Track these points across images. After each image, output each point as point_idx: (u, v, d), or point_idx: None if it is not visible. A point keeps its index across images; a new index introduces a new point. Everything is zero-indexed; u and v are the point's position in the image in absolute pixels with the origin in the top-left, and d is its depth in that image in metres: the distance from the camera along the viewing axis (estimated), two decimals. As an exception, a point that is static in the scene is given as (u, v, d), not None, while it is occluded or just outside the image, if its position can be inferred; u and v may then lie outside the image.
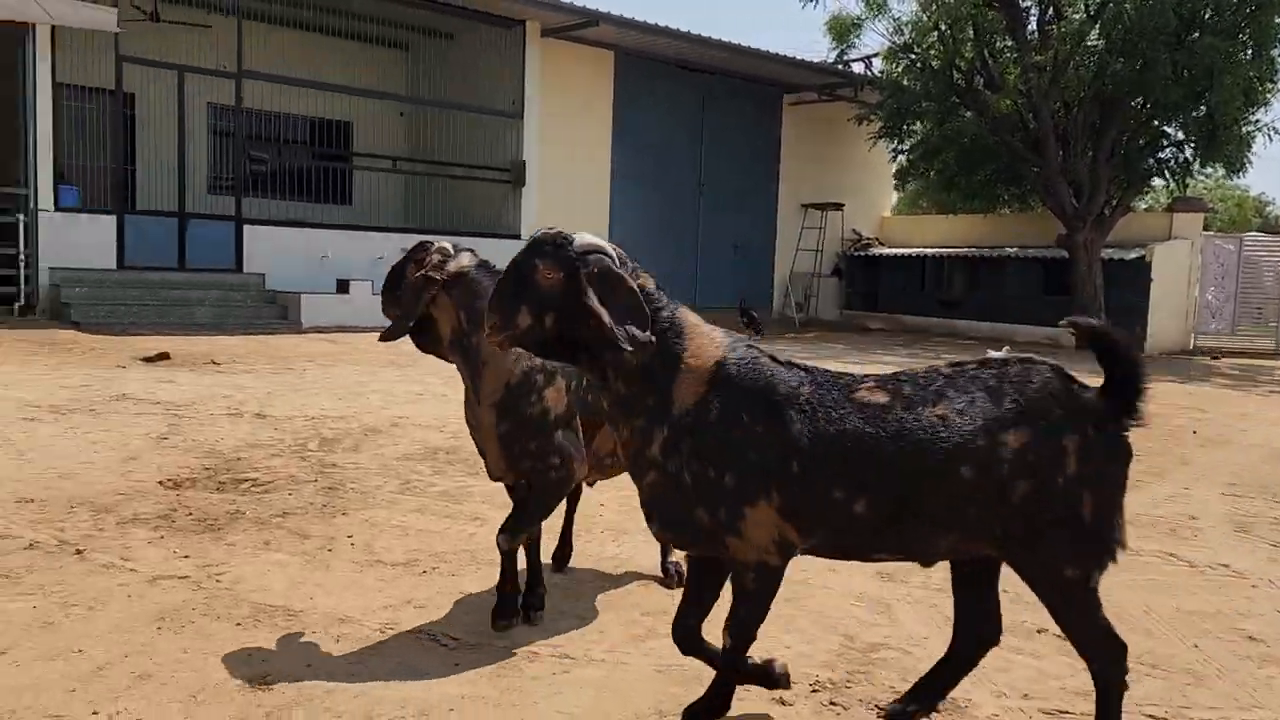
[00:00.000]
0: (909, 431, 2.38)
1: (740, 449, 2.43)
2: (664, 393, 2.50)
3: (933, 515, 2.41)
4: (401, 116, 17.22)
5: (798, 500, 2.42)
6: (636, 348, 2.41)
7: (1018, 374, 2.44)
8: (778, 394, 2.46)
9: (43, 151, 11.31)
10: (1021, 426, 2.36)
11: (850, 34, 18.11)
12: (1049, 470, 2.35)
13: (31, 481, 4.88)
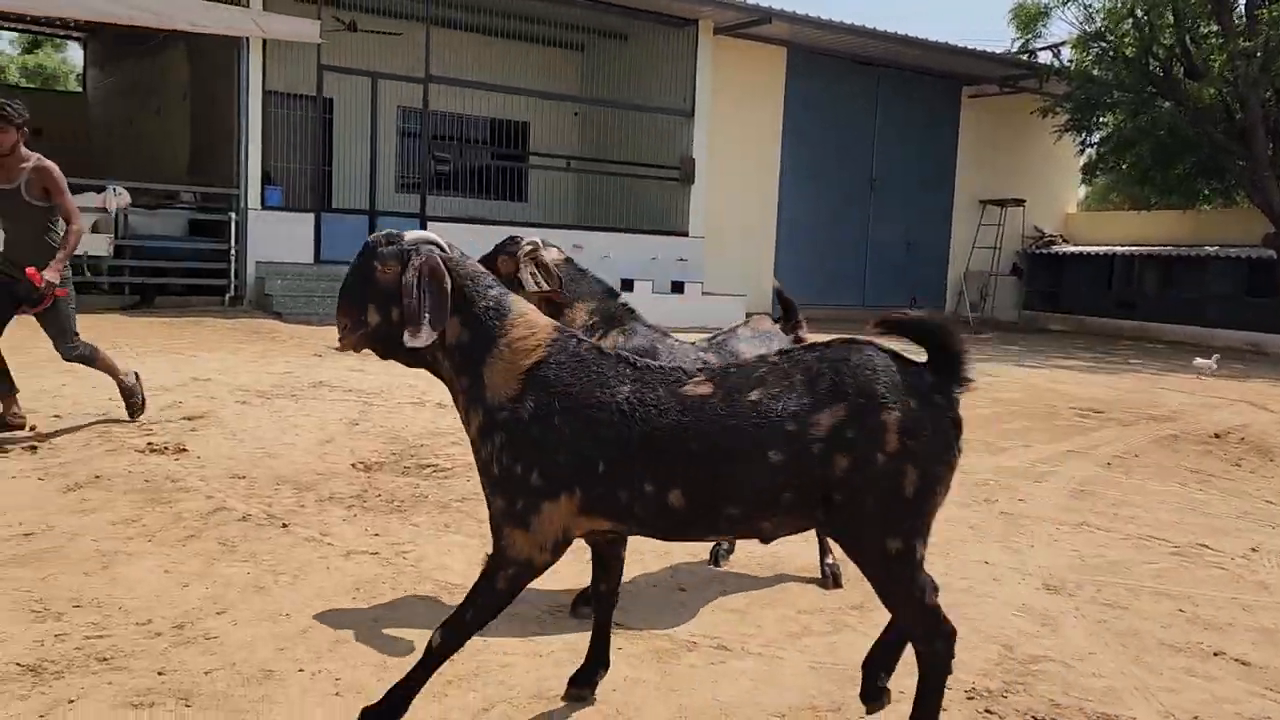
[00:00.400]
0: (721, 420, 2.41)
1: (550, 449, 2.47)
2: (477, 375, 2.56)
3: (749, 499, 2.43)
4: (576, 116, 17.70)
5: (601, 497, 2.48)
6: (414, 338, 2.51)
7: (836, 354, 2.44)
8: (594, 395, 2.49)
9: (253, 154, 12.27)
10: (837, 404, 2.37)
11: (1036, 22, 17.44)
12: (868, 445, 2.34)
13: (243, 460, 5.38)
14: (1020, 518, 5.04)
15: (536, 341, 2.56)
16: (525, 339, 2.57)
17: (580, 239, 14.61)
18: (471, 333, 2.58)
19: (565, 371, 2.52)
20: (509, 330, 2.57)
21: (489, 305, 2.60)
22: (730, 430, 2.39)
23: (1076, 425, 7.75)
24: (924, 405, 2.38)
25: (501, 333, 2.57)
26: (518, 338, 2.57)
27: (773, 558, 4.22)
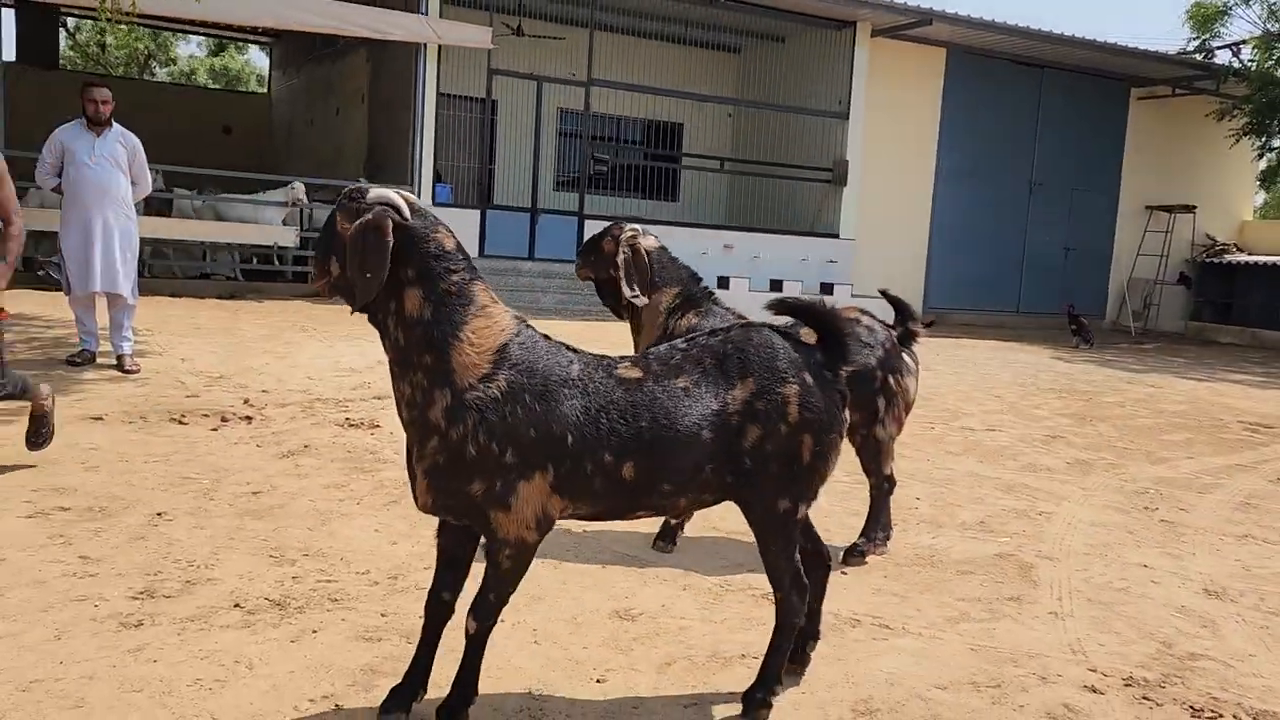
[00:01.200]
0: (661, 401, 2.60)
1: (523, 426, 2.51)
2: (442, 355, 2.52)
3: (681, 473, 2.62)
4: (730, 118, 17.95)
5: (570, 472, 2.55)
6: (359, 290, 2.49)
7: (739, 336, 2.70)
8: (554, 374, 2.57)
9: (426, 153, 13.03)
10: (747, 380, 2.63)
11: (1214, 22, 16.73)
12: (774, 416, 2.62)
13: (431, 436, 5.88)
14: (1181, 526, 5.04)
15: (501, 325, 2.59)
16: (488, 325, 2.57)
17: (731, 239, 14.90)
18: (434, 311, 2.53)
19: (527, 352, 2.58)
20: (472, 315, 2.56)
21: (451, 287, 2.55)
22: (672, 411, 2.59)
23: (1245, 440, 7.54)
24: (817, 380, 2.68)
25: (465, 316, 2.55)
26: (481, 322, 2.56)
27: (930, 550, 4.39)
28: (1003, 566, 4.16)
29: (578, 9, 15.02)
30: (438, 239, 2.57)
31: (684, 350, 2.71)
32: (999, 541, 4.53)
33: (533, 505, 2.57)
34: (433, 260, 2.54)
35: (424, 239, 2.54)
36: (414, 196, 2.70)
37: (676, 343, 2.77)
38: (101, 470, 4.86)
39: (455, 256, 2.59)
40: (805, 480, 2.69)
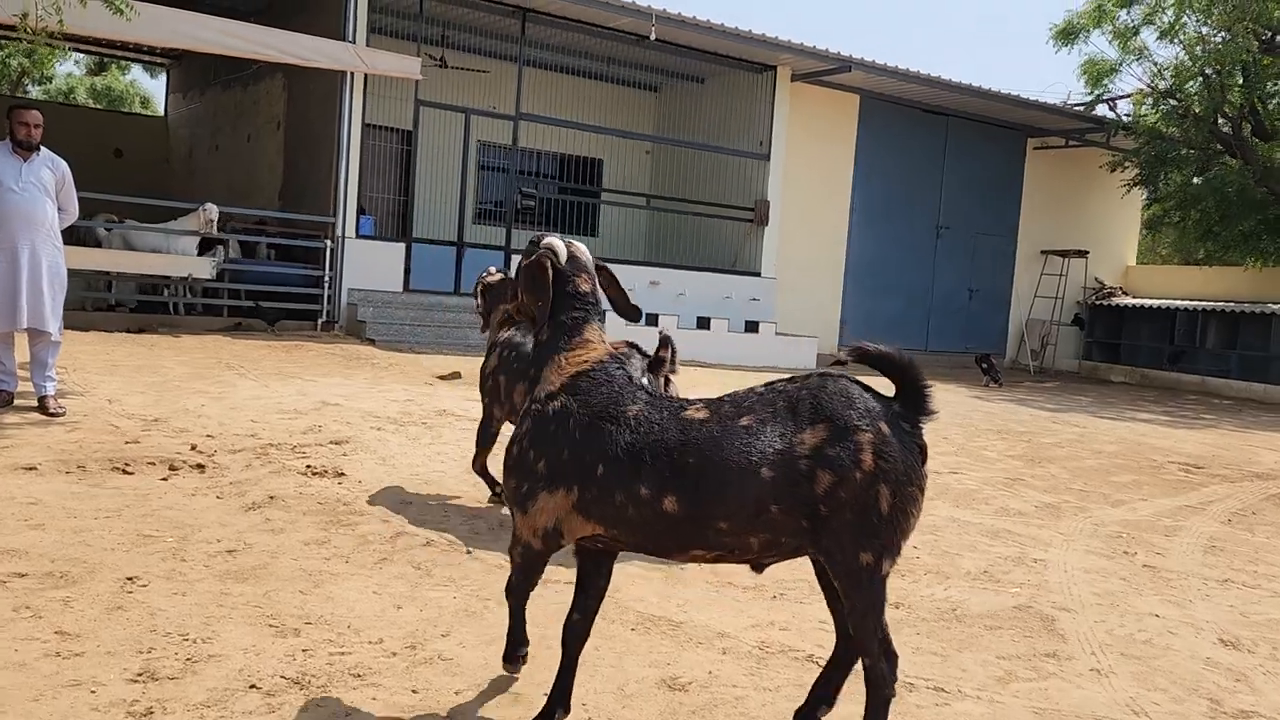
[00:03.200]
0: (716, 438, 2.67)
1: (560, 445, 2.81)
2: (540, 370, 2.99)
3: (739, 512, 2.65)
4: (647, 155, 18.01)
5: (597, 498, 2.76)
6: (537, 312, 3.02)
7: (814, 384, 2.71)
8: (606, 409, 2.82)
9: (351, 185, 12.62)
10: (818, 425, 2.61)
11: (1106, 78, 17.61)
12: (847, 464, 2.57)
13: (402, 485, 5.58)
14: (1164, 571, 5.14)
15: (587, 358, 2.94)
16: (581, 354, 2.95)
17: (656, 275, 14.88)
18: (551, 335, 3.01)
19: (595, 385, 2.87)
20: (574, 344, 2.97)
21: (570, 320, 3.01)
22: (726, 446, 2.65)
23: (1185, 480, 7.82)
24: (893, 431, 2.61)
25: (567, 344, 2.97)
26: (576, 351, 2.96)
27: (948, 603, 4.34)
28: (1026, 620, 4.14)
29: (500, 43, 14.87)
30: (575, 282, 3.07)
31: (760, 393, 2.78)
32: (1010, 592, 4.52)
33: (547, 516, 2.85)
34: (566, 297, 3.03)
35: (566, 280, 3.06)
36: (580, 246, 3.20)
37: (756, 386, 2.83)
38: (49, 528, 4.43)
39: (585, 298, 3.06)
40: (886, 533, 2.61)
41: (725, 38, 14.31)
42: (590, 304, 3.08)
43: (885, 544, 2.63)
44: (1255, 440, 10.85)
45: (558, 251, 3.10)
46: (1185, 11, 16.36)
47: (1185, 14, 16.40)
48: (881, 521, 2.60)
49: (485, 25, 14.35)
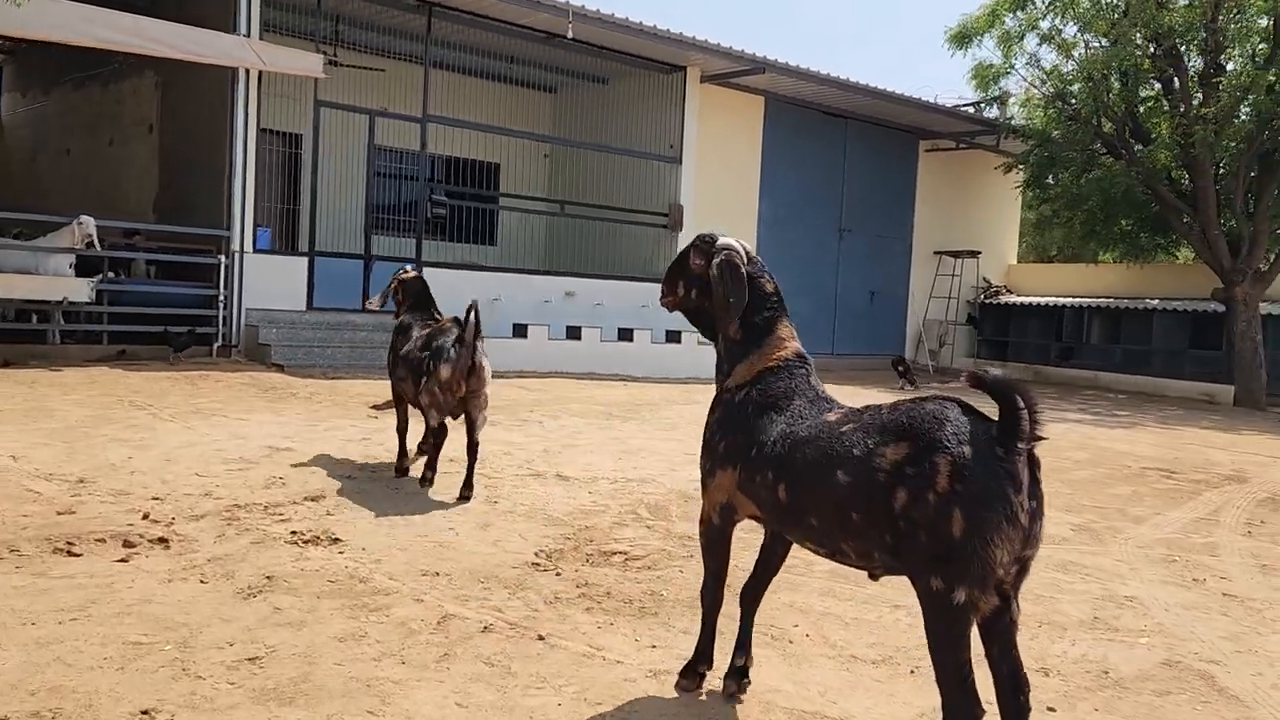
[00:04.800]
0: (821, 440, 2.84)
1: (733, 428, 3.13)
2: (733, 367, 3.22)
3: (824, 511, 2.80)
4: (546, 159, 17.27)
5: (747, 478, 3.05)
6: (731, 313, 3.19)
7: (918, 403, 2.70)
8: (778, 401, 3.07)
9: (247, 194, 11.42)
10: (901, 442, 2.61)
11: (994, 83, 17.97)
12: (922, 483, 2.53)
13: (416, 551, 4.78)
14: (1248, 600, 4.89)
15: (777, 356, 3.18)
16: (772, 352, 3.19)
17: (572, 285, 14.20)
18: (745, 336, 3.23)
19: (775, 380, 3.13)
20: (765, 343, 3.20)
21: (762, 321, 3.23)
22: (822, 449, 2.81)
23: (1176, 489, 7.74)
24: (979, 455, 2.51)
25: (760, 344, 3.20)
26: (769, 349, 3.19)
27: (1090, 662, 3.90)
28: (1187, 680, 3.75)
29: (393, 40, 13.87)
30: (761, 282, 3.27)
31: (878, 407, 2.81)
32: (1141, 644, 4.13)
33: (722, 493, 3.18)
34: (755, 299, 3.23)
35: (754, 281, 3.24)
36: (750, 246, 3.32)
37: (883, 402, 2.86)
38: (6, 644, 3.49)
39: (772, 298, 3.28)
40: (961, 560, 2.49)
41: (641, 36, 13.75)
42: (777, 303, 3.27)
43: (960, 571, 2.49)
44: (1190, 438, 11.07)
45: (739, 252, 3.24)
46: (1066, 19, 16.85)
47: (1066, 21, 16.90)
48: (954, 546, 2.48)
49: (383, 21, 13.34)
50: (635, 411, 9.79)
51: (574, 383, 11.81)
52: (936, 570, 2.51)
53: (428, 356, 5.94)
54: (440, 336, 6.02)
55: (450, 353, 5.85)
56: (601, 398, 10.75)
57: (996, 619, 2.66)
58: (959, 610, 2.51)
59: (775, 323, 3.21)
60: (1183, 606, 4.68)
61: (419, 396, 5.99)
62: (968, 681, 2.54)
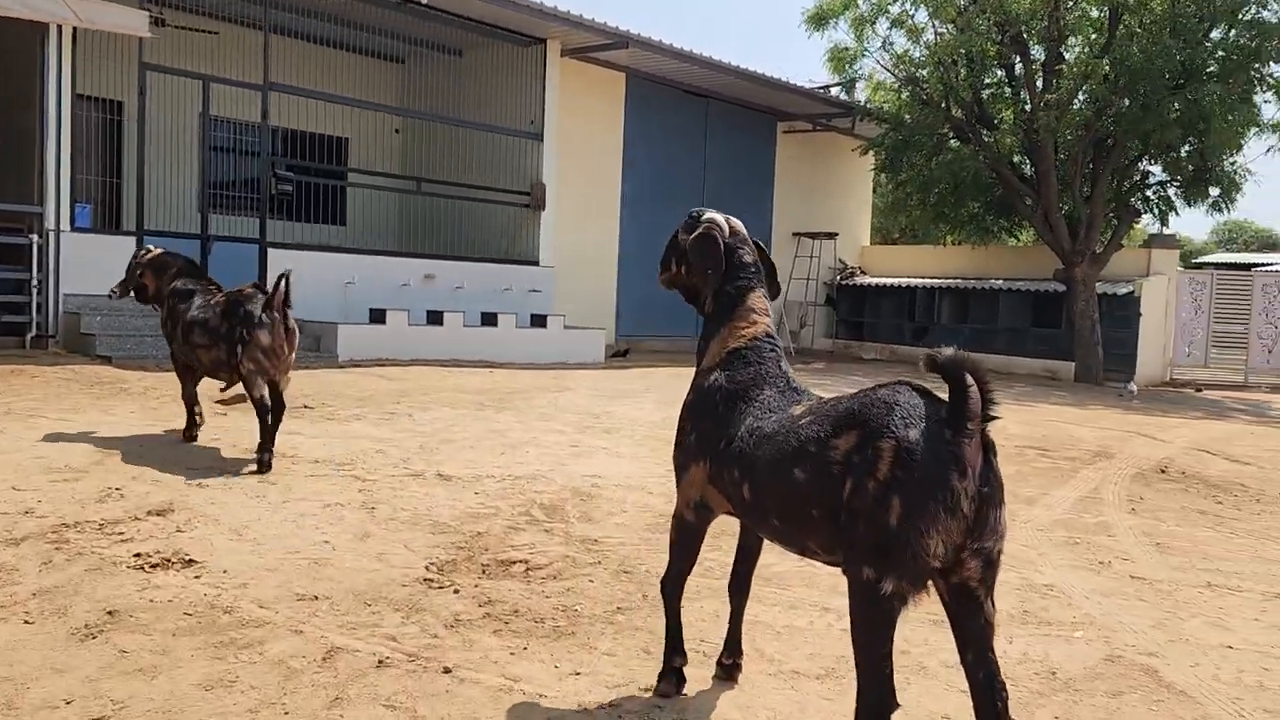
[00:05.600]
0: (780, 434, 2.71)
1: (703, 415, 3.01)
2: (707, 343, 3.14)
3: (784, 508, 2.68)
4: (397, 134, 16.40)
5: (717, 473, 2.92)
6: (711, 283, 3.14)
7: (871, 390, 2.59)
8: (748, 389, 2.95)
9: (62, 166, 10.23)
10: (851, 431, 2.51)
11: (849, 66, 18.15)
12: (864, 471, 2.43)
13: (288, 571, 4.19)
14: (1155, 582, 4.85)
15: (746, 334, 3.06)
16: (741, 327, 3.08)
17: (431, 268, 13.49)
18: (718, 308, 3.15)
19: (744, 365, 3.00)
20: (737, 315, 3.10)
21: (734, 289, 3.14)
22: (780, 445, 2.68)
23: (1054, 467, 7.83)
24: (925, 439, 2.38)
25: (731, 316, 3.10)
26: (739, 322, 3.09)
27: (1030, 659, 3.71)
28: (1134, 677, 3.60)
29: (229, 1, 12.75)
30: (740, 254, 3.22)
31: (839, 397, 2.69)
32: (1077, 637, 3.98)
33: (694, 488, 3.05)
34: (731, 268, 3.16)
35: (732, 252, 3.20)
36: (737, 222, 3.31)
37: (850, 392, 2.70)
38: None
39: (749, 268, 3.20)
40: (894, 550, 2.36)
41: (497, 4, 13.08)
42: (753, 273, 3.19)
43: (892, 561, 2.37)
44: (1049, 415, 11.39)
45: (721, 225, 3.23)
46: (916, 5, 17.15)
47: (916, 7, 17.20)
48: (889, 536, 2.37)
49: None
50: (508, 401, 9.28)
51: (438, 370, 11.16)
52: (871, 560, 2.40)
53: (239, 324, 5.94)
54: (246, 303, 6.01)
55: (264, 318, 5.92)
56: (469, 386, 10.17)
57: (970, 621, 2.53)
58: (886, 601, 2.40)
59: (748, 292, 3.14)
60: (1101, 594, 4.59)
61: (242, 364, 5.95)
62: (886, 673, 2.46)
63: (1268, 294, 18.35)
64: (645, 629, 3.79)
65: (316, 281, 12.20)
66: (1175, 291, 17.99)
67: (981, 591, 2.51)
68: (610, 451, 7.17)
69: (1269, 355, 18.33)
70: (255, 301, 6.01)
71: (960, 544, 2.41)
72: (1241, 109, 15.54)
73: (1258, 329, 18.42)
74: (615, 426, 8.28)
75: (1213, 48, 15.63)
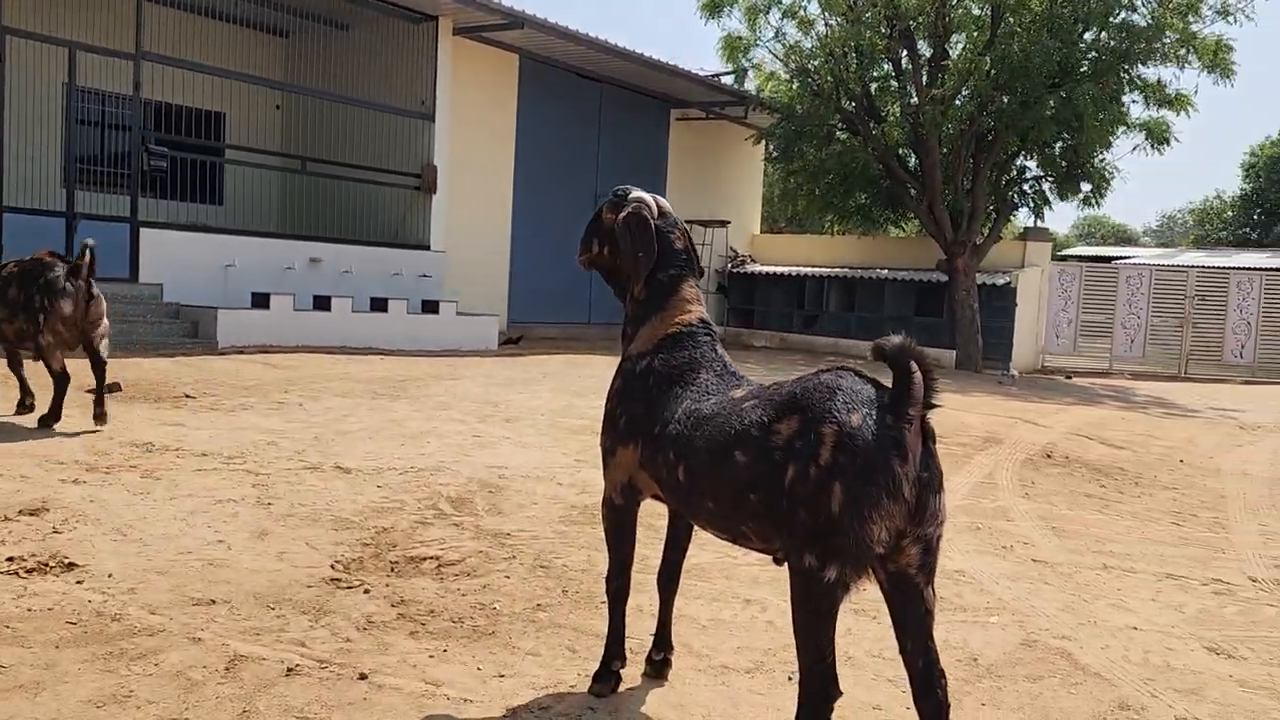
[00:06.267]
0: (720, 418, 2.67)
1: (634, 400, 2.95)
2: (637, 330, 3.06)
3: (720, 493, 2.63)
4: (278, 110, 15.74)
5: (650, 457, 2.86)
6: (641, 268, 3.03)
7: (815, 375, 2.57)
8: (682, 373, 2.91)
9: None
10: (793, 416, 2.48)
11: (743, 55, 18.25)
12: (806, 456, 2.40)
13: (179, 573, 3.91)
14: (1054, 565, 4.99)
15: (680, 320, 3.00)
16: (675, 315, 3.01)
17: (317, 251, 12.99)
18: (649, 294, 3.07)
19: (678, 349, 2.95)
20: (669, 303, 3.04)
21: (667, 278, 3.07)
22: (720, 429, 2.63)
23: (948, 453, 7.95)
24: (866, 424, 2.37)
25: (664, 305, 3.04)
26: (672, 311, 3.02)
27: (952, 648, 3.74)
28: (1051, 661, 3.66)
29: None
30: (671, 238, 3.11)
31: (780, 382, 2.66)
32: (992, 623, 4.04)
33: (623, 471, 2.99)
34: (662, 255, 3.06)
35: (663, 236, 3.08)
36: (665, 202, 3.16)
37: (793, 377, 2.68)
38: None
39: (680, 256, 3.12)
40: (835, 537, 2.34)
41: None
42: (684, 260, 3.11)
43: (833, 548, 2.34)
44: (937, 401, 11.66)
45: (650, 206, 3.10)
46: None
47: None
48: (830, 522, 2.34)
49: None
50: (402, 389, 8.99)
51: (326, 358, 10.75)
52: (812, 547, 2.37)
53: (40, 293, 5.95)
54: (46, 271, 6.00)
55: (68, 287, 5.98)
56: (360, 374, 9.82)
57: (910, 609, 2.50)
58: (828, 589, 2.37)
59: (681, 281, 3.07)
60: (1009, 578, 4.69)
61: (42, 335, 6.01)
62: (828, 662, 2.43)
63: (1131, 285, 19.31)
64: (568, 626, 3.67)
65: (193, 263, 11.64)
66: (1048, 283, 18.76)
67: (921, 579, 2.49)
68: (514, 441, 7.00)
69: (1131, 344, 19.32)
70: (56, 270, 5.98)
71: (902, 530, 2.39)
72: (1111, 108, 16.24)
73: (1121, 318, 19.37)
74: (516, 415, 8.11)
75: (1086, 48, 16.29)
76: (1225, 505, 6.75)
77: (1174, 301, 19.18)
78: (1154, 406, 12.92)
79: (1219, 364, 19.14)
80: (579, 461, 6.36)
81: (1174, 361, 19.09)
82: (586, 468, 6.12)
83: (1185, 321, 19.05)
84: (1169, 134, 16.60)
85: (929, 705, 2.48)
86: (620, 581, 3.14)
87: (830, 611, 2.40)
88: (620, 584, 3.14)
